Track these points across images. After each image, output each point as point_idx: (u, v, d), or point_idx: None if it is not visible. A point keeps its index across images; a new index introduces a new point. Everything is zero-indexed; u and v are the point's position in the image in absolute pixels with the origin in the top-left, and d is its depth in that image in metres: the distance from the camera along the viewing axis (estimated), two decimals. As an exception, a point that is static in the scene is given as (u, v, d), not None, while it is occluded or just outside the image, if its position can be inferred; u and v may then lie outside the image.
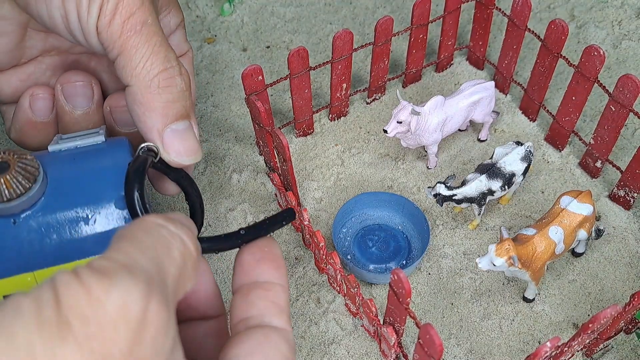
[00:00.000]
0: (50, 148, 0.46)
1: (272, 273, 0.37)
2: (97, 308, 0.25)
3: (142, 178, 0.42)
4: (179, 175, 0.46)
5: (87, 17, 0.43)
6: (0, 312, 0.24)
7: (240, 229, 0.39)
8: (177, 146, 0.44)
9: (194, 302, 0.36)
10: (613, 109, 0.57)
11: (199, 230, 0.43)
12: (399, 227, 0.60)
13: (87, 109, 0.50)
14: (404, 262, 0.58)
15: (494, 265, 0.50)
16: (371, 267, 0.57)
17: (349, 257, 0.58)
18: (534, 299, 0.56)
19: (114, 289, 0.25)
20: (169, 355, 0.27)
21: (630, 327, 0.53)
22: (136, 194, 0.41)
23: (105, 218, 0.43)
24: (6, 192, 0.40)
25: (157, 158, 0.50)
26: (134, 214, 0.41)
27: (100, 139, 0.47)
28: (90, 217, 0.42)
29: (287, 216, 0.42)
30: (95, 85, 0.50)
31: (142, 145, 0.47)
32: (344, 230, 0.60)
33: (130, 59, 0.43)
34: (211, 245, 0.38)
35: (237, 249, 0.38)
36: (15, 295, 0.25)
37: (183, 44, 0.54)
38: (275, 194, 0.62)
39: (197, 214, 0.45)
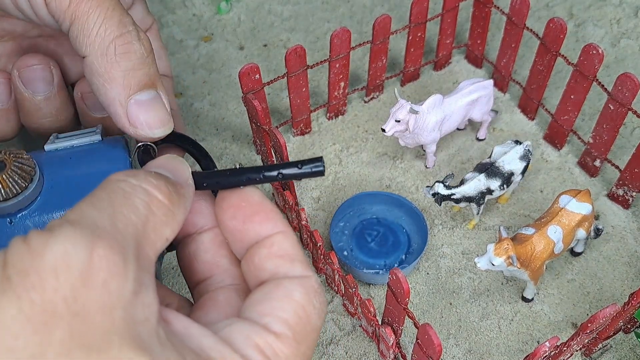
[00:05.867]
0: (47, 147, 0.46)
1: (265, 226, 0.35)
2: (35, 260, 0.26)
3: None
4: (185, 142, 0.45)
5: None
6: None
7: (238, 165, 0.35)
8: (144, 118, 0.41)
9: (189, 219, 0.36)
10: (612, 108, 0.57)
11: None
12: (398, 222, 0.60)
13: (48, 93, 0.47)
14: (404, 256, 0.58)
15: (493, 264, 0.50)
16: (370, 263, 0.57)
17: (345, 252, 0.58)
18: (532, 299, 0.56)
19: (53, 241, 0.26)
20: (130, 297, 0.27)
21: (629, 326, 0.53)
22: None
23: (102, 218, 0.42)
24: (2, 191, 0.40)
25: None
26: None
27: (96, 138, 0.46)
28: (86, 217, 0.42)
29: (307, 165, 0.35)
30: (54, 68, 0.47)
31: (139, 144, 0.47)
32: (340, 225, 0.60)
33: (82, 26, 0.40)
34: (207, 180, 0.36)
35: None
36: None
37: (146, 17, 0.52)
38: (273, 193, 0.62)
39: (204, 159, 0.44)
